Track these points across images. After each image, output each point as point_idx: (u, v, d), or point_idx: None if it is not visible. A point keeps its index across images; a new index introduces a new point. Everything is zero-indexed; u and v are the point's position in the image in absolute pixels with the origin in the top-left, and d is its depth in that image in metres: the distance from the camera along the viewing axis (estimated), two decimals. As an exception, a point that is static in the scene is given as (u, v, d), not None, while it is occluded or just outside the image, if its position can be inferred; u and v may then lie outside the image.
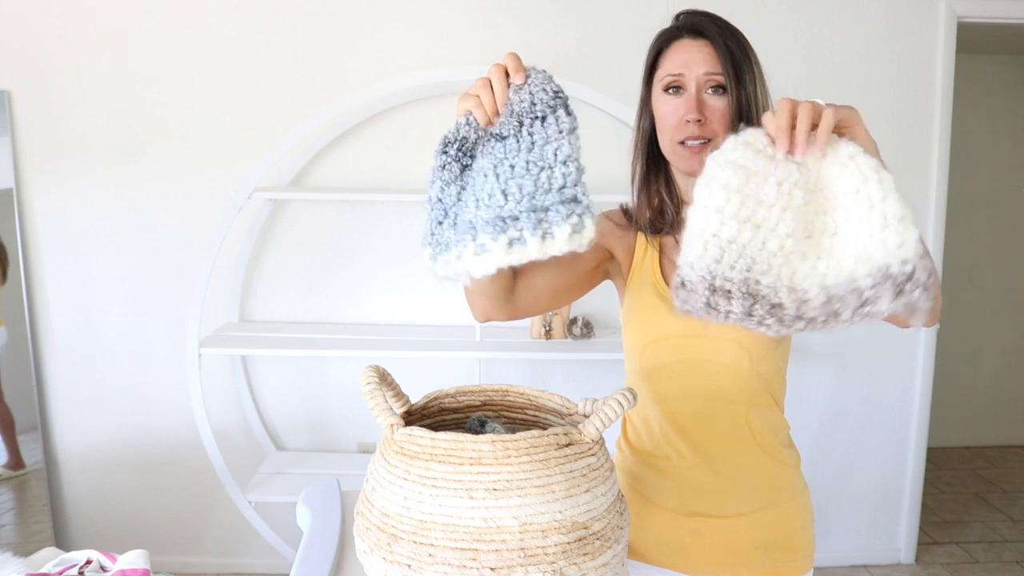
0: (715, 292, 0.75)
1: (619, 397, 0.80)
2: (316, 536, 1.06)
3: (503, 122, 0.81)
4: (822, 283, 0.74)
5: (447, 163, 0.81)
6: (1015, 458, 4.02)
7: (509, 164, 0.77)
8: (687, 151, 1.08)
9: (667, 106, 1.09)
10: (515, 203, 0.75)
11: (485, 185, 0.77)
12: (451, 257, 0.78)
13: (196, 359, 2.33)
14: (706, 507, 1.14)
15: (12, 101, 2.56)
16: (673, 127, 1.08)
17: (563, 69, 2.54)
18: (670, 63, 1.09)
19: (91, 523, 2.76)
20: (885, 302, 0.70)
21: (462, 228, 0.78)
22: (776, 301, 0.74)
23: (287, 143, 2.31)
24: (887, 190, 0.72)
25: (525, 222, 0.74)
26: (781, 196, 0.75)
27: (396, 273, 2.67)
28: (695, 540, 1.15)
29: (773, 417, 1.15)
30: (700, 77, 1.07)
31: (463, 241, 0.77)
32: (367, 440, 2.75)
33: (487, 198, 0.76)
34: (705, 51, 1.07)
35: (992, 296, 4.09)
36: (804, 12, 2.60)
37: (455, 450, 0.73)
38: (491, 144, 0.80)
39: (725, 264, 0.74)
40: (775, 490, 1.16)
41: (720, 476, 1.13)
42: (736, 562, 1.15)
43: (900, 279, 0.70)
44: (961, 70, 2.78)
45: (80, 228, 2.62)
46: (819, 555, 2.88)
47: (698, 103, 1.06)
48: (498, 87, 0.83)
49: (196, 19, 2.55)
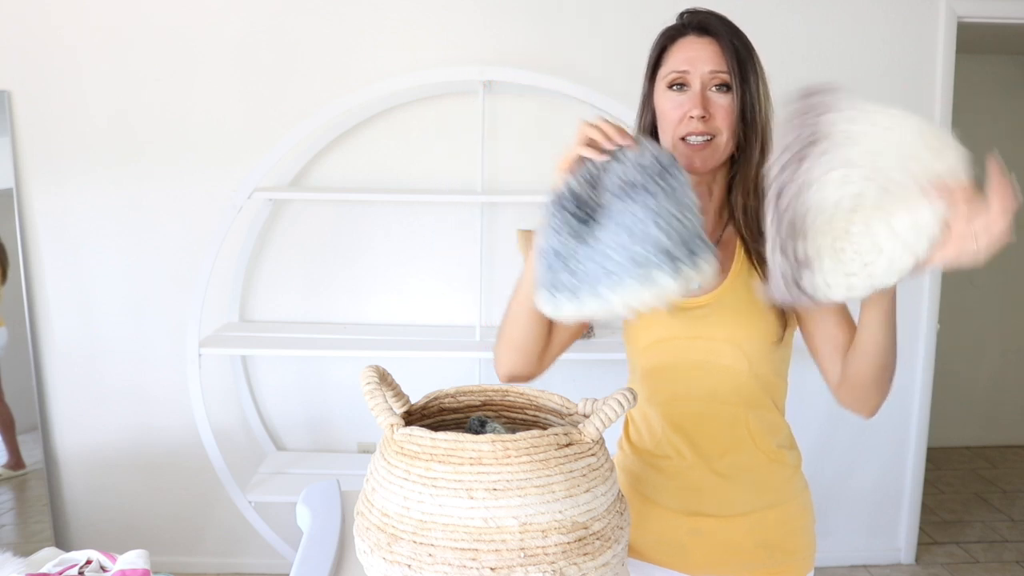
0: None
1: (619, 397, 0.80)
2: (316, 536, 1.06)
3: (633, 177, 0.89)
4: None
5: (566, 218, 0.89)
6: (1015, 458, 4.02)
7: (663, 209, 0.84)
8: (688, 148, 1.08)
9: (670, 102, 1.09)
10: (673, 244, 0.83)
11: (643, 228, 0.84)
12: (591, 298, 0.85)
13: (196, 359, 2.33)
14: (705, 507, 1.14)
15: (12, 101, 2.56)
16: (675, 123, 1.09)
17: (563, 69, 2.54)
18: (675, 60, 1.09)
19: (91, 523, 2.76)
20: None
21: (612, 269, 0.84)
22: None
23: (287, 143, 2.31)
24: None
25: (684, 259, 0.83)
26: None
27: (396, 273, 2.67)
28: (694, 540, 1.15)
29: (772, 419, 1.16)
30: (705, 75, 1.07)
31: (619, 281, 0.83)
32: (367, 440, 2.75)
33: (645, 240, 0.83)
34: (711, 49, 1.07)
35: (992, 296, 4.09)
36: (804, 12, 2.60)
37: (455, 450, 0.73)
38: (632, 194, 0.88)
39: None
40: (774, 490, 1.16)
41: (719, 476, 1.14)
42: (736, 562, 1.15)
43: None
44: (961, 70, 2.78)
45: (80, 228, 2.62)
46: (819, 555, 2.88)
47: (702, 100, 1.07)
48: (613, 136, 0.93)
49: (196, 19, 2.55)
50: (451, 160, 2.61)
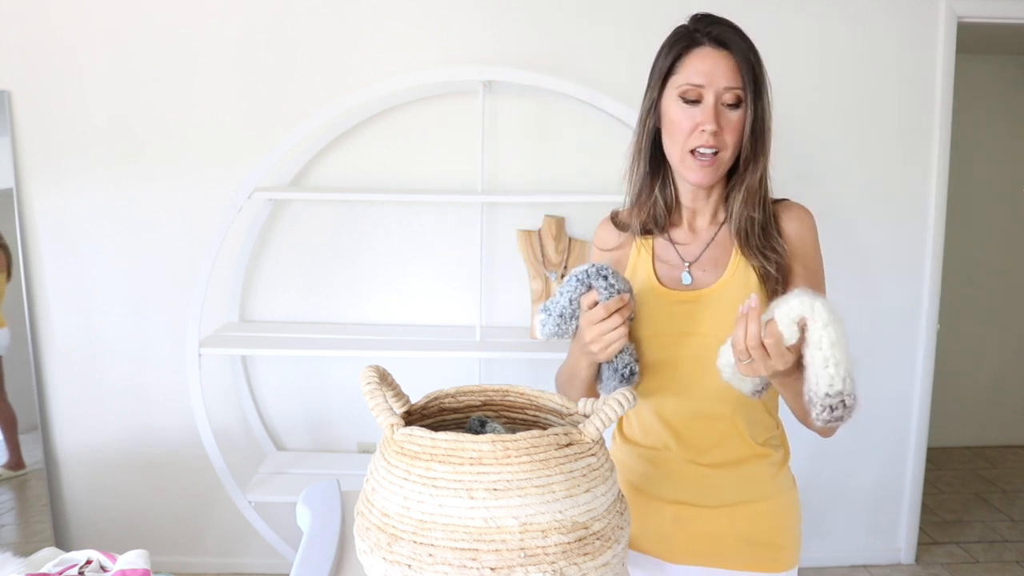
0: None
1: (619, 397, 0.80)
2: (316, 536, 1.06)
3: None
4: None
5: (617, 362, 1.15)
6: (1015, 458, 4.02)
7: None
8: (697, 162, 1.09)
9: (682, 113, 1.10)
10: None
11: None
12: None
13: (196, 359, 2.33)
14: (688, 496, 1.16)
15: (12, 101, 2.56)
16: (687, 134, 1.09)
17: (562, 69, 2.54)
18: (690, 72, 1.09)
19: (91, 523, 2.76)
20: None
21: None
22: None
23: (287, 143, 2.31)
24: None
25: None
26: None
27: (396, 273, 2.67)
28: (676, 528, 1.17)
29: (760, 417, 1.17)
30: (720, 90, 1.08)
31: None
32: (367, 440, 2.75)
33: None
34: (727, 64, 1.08)
35: (992, 296, 4.09)
36: (804, 12, 2.60)
37: (455, 450, 0.73)
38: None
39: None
40: (758, 485, 1.17)
41: (704, 468, 1.15)
42: (716, 552, 1.16)
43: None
44: (961, 70, 2.78)
45: (80, 228, 2.62)
46: (819, 555, 2.89)
47: (715, 114, 1.07)
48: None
49: (196, 19, 2.55)
50: (451, 160, 2.61)
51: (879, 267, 2.75)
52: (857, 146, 2.68)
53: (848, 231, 2.71)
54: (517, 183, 2.63)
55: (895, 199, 2.72)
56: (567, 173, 2.62)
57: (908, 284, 2.77)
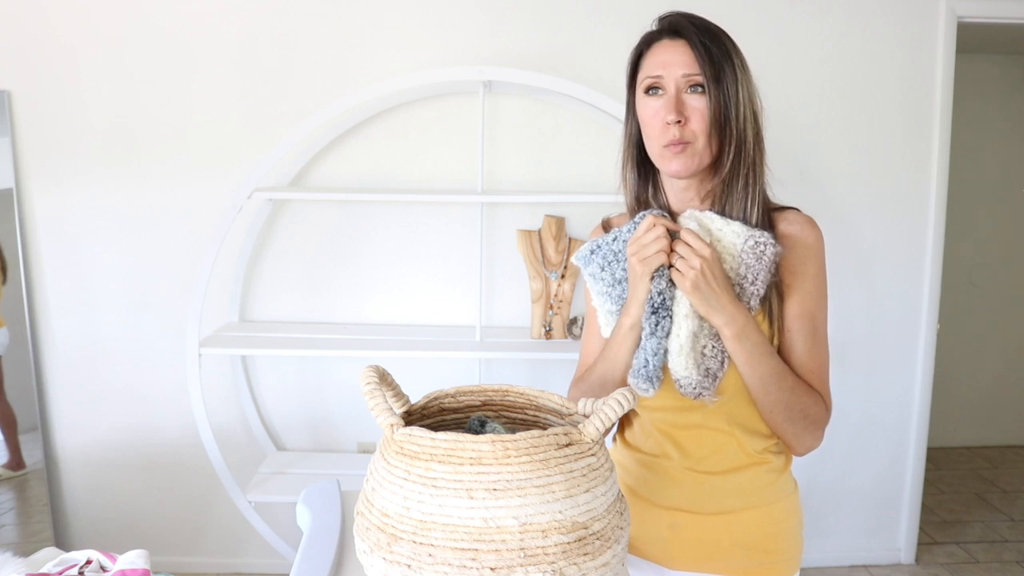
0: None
1: (619, 397, 0.80)
2: (316, 536, 1.06)
3: None
4: None
5: (655, 321, 1.12)
6: (1015, 458, 4.02)
7: None
8: (670, 151, 1.08)
9: (648, 109, 1.10)
10: None
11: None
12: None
13: (196, 359, 2.33)
14: (685, 502, 1.16)
15: (12, 101, 2.56)
16: (658, 131, 1.09)
17: (562, 69, 2.54)
18: (649, 65, 1.10)
19: (91, 523, 2.76)
20: None
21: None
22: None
23: (287, 143, 2.31)
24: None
25: None
26: None
27: (396, 273, 2.67)
28: (673, 534, 1.16)
29: (760, 426, 1.16)
30: (679, 78, 1.07)
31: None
32: (367, 440, 2.75)
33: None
34: (682, 51, 1.07)
35: (992, 296, 4.09)
36: (804, 11, 2.60)
37: (455, 450, 0.73)
38: None
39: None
40: (757, 492, 1.16)
41: (702, 475, 1.15)
42: (714, 558, 1.15)
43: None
44: (961, 70, 2.78)
45: (80, 228, 2.62)
46: (819, 555, 2.89)
47: (677, 104, 1.06)
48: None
49: (196, 19, 2.55)
50: (451, 160, 2.61)
51: (879, 267, 2.75)
52: (857, 146, 2.68)
53: (848, 231, 2.71)
54: (517, 183, 2.63)
55: (895, 199, 2.72)
56: (567, 173, 2.62)
57: (908, 284, 2.77)
